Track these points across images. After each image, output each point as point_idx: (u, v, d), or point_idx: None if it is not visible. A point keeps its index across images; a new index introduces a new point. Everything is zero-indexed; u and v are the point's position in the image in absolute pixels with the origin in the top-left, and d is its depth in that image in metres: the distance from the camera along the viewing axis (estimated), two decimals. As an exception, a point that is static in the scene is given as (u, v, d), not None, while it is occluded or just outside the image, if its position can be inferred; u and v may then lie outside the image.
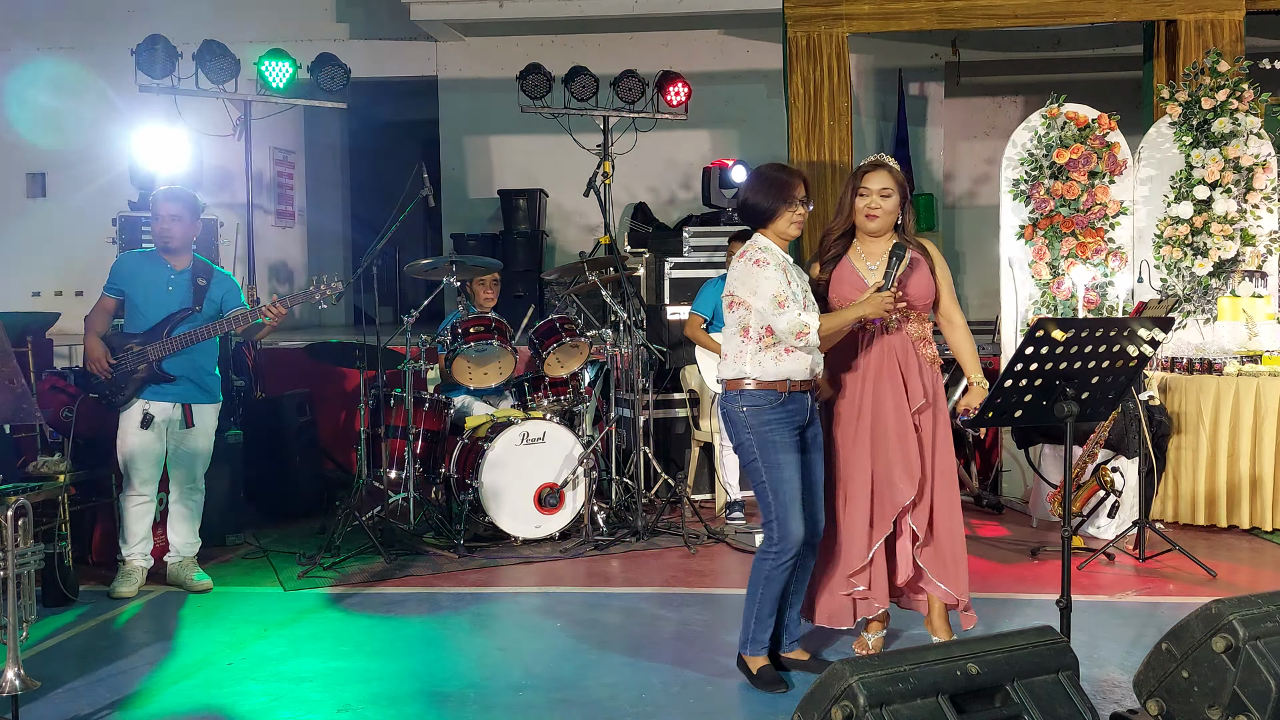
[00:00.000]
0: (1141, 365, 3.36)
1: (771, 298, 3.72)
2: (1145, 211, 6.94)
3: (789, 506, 3.75)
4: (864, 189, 3.98)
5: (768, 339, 3.77)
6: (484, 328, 6.02)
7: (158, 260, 5.24)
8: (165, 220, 5.17)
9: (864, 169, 4.02)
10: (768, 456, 3.76)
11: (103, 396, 5.17)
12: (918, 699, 2.56)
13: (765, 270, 3.76)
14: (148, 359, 5.08)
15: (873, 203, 3.96)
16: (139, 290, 5.19)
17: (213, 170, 8.96)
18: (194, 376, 5.21)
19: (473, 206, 11.84)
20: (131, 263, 5.31)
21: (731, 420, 3.84)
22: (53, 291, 10.69)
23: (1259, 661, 2.77)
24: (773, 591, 3.85)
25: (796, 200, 3.83)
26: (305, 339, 7.62)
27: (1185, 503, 6.16)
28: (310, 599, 5.10)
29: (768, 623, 3.90)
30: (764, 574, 3.84)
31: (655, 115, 8.80)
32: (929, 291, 4.01)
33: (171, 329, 5.13)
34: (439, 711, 3.76)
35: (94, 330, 5.16)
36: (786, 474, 3.75)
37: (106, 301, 5.25)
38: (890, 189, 3.96)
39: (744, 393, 3.78)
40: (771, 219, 3.85)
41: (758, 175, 3.93)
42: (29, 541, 3.54)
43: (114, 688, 3.99)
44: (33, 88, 11.30)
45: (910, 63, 11.58)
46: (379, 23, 11.41)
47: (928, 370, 4.00)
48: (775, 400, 3.75)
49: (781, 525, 3.76)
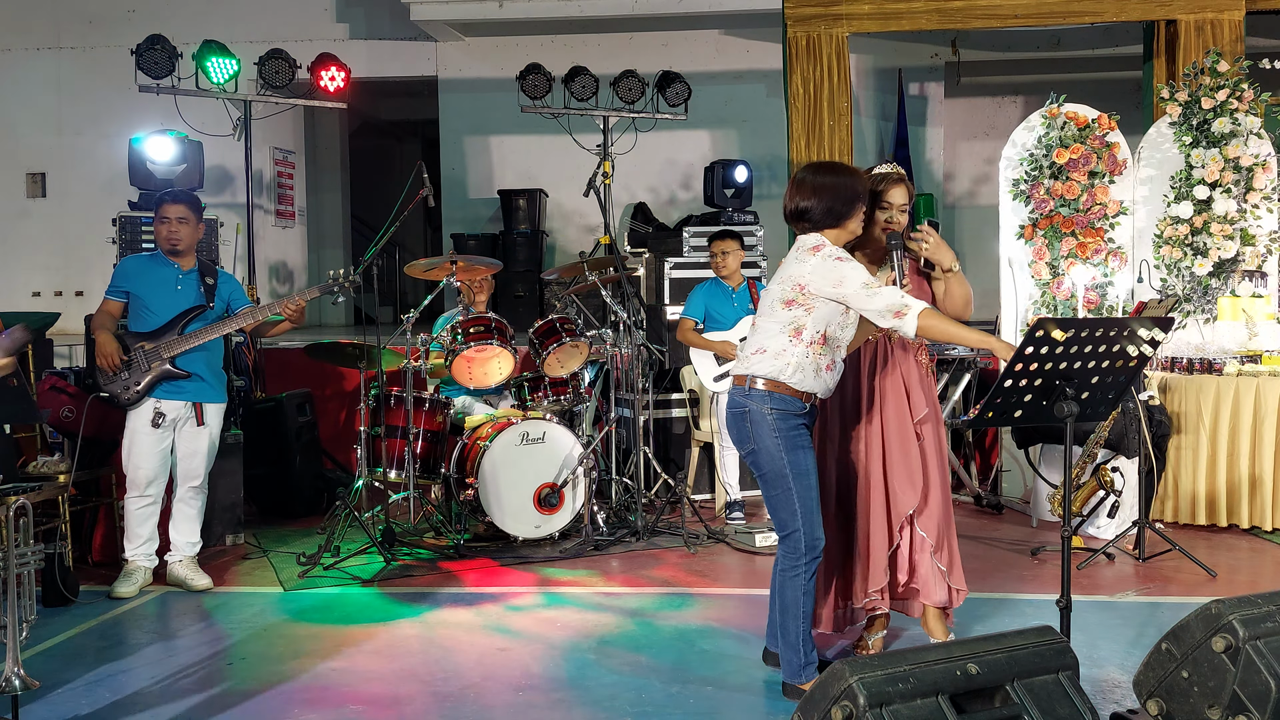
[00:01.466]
0: (1141, 365, 3.36)
1: (863, 284, 3.56)
2: (1145, 211, 6.94)
3: (813, 515, 3.68)
4: (886, 202, 3.95)
5: (818, 346, 3.64)
6: (484, 328, 6.01)
7: (163, 261, 5.25)
8: (173, 223, 5.17)
9: (885, 182, 3.97)
10: (797, 464, 3.65)
11: (113, 396, 5.12)
12: (918, 699, 2.56)
13: (847, 264, 3.62)
14: (162, 355, 5.09)
15: (892, 217, 3.95)
16: (148, 291, 5.18)
17: (213, 170, 8.95)
18: (207, 375, 5.23)
19: (473, 206, 11.85)
20: (137, 265, 5.30)
21: (754, 421, 3.68)
22: (53, 291, 10.70)
23: (1259, 661, 2.77)
24: (808, 608, 3.73)
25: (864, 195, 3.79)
26: (305, 339, 7.61)
27: (1185, 503, 6.16)
28: (310, 599, 5.10)
29: (813, 641, 3.79)
30: (801, 587, 3.70)
31: (655, 115, 8.80)
32: (924, 297, 4.01)
33: (184, 326, 5.15)
34: (439, 711, 3.76)
35: (104, 328, 5.13)
36: (812, 480, 3.68)
37: (111, 305, 5.22)
38: (907, 204, 3.99)
39: (773, 395, 3.64)
40: (848, 217, 3.73)
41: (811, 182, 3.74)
42: (29, 541, 3.54)
43: (114, 688, 3.99)
44: (33, 88, 11.32)
45: (910, 63, 11.58)
46: (379, 23, 11.42)
47: (926, 378, 4.04)
48: (802, 409, 3.67)
49: (809, 534, 3.67)
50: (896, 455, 3.96)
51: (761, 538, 5.85)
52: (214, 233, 7.64)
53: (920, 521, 3.99)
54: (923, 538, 4.00)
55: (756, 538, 5.88)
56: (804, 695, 3.71)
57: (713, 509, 6.74)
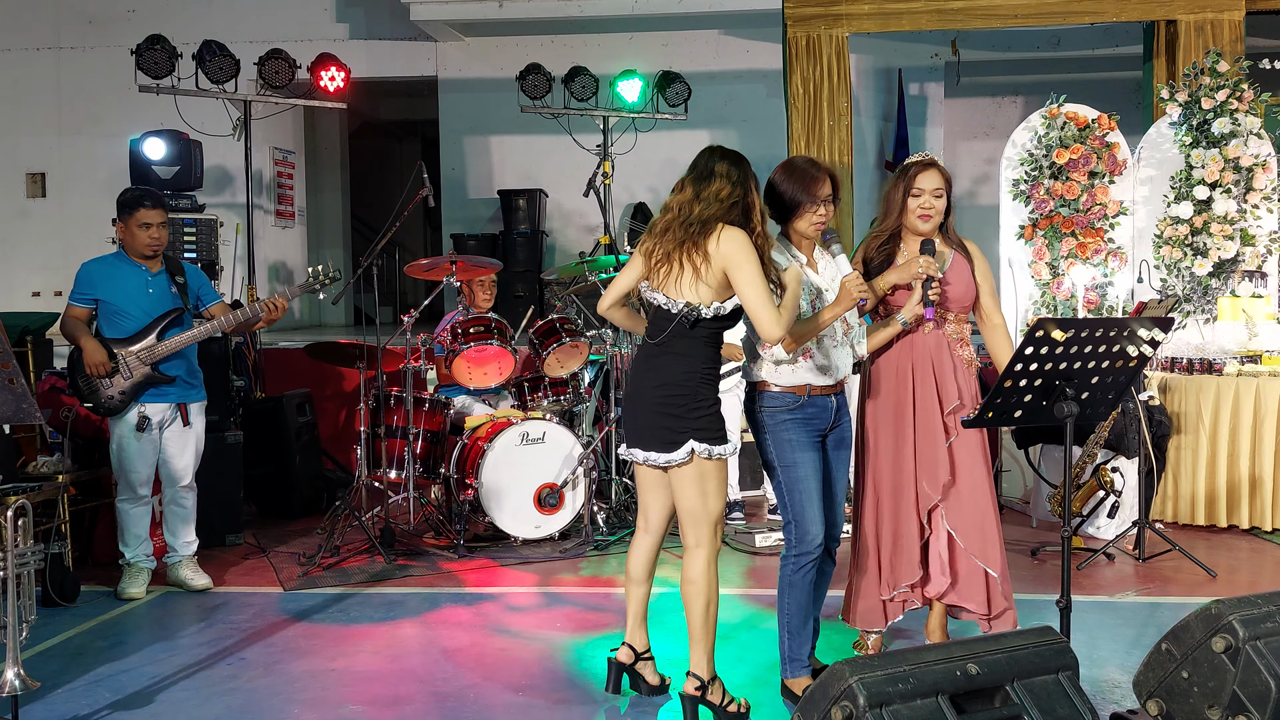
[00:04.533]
0: (1141, 365, 3.36)
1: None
2: (1145, 211, 6.94)
3: (805, 507, 3.65)
4: (917, 189, 3.84)
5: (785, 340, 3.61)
6: (484, 328, 6.02)
7: (130, 263, 5.11)
8: (155, 229, 5.06)
9: (915, 169, 3.87)
10: (783, 455, 3.66)
11: (97, 406, 5.04)
12: (918, 699, 2.56)
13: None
14: (144, 360, 5.04)
15: (926, 203, 3.84)
16: (119, 295, 5.06)
17: (213, 170, 8.96)
18: (188, 376, 5.20)
19: (473, 206, 11.85)
20: (102, 269, 5.12)
21: (751, 420, 3.76)
22: (53, 291, 10.69)
23: (1259, 662, 2.77)
24: (799, 599, 3.71)
25: (819, 199, 3.62)
26: (305, 339, 7.62)
27: (1185, 503, 6.16)
28: (310, 599, 5.10)
29: (803, 636, 3.75)
30: (787, 578, 3.71)
31: (655, 115, 8.80)
32: (968, 292, 3.91)
33: (163, 330, 5.10)
34: (439, 711, 3.76)
35: (87, 335, 5.02)
36: (801, 473, 3.65)
37: (79, 311, 5.07)
38: (942, 188, 3.85)
39: (763, 394, 3.68)
40: (792, 215, 3.66)
41: (786, 165, 3.71)
42: (29, 541, 3.54)
43: (114, 688, 3.99)
44: (33, 88, 11.32)
45: (910, 63, 11.58)
46: (379, 23, 11.42)
47: (963, 371, 3.89)
48: (794, 403, 3.65)
49: (799, 526, 3.66)
50: (921, 447, 3.86)
51: (761, 538, 5.85)
52: (214, 233, 7.65)
53: (950, 518, 3.86)
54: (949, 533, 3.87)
55: (756, 538, 5.88)
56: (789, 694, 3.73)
57: (713, 509, 6.73)
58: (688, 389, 3.51)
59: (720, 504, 3.59)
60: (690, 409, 3.50)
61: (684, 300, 3.47)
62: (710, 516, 3.55)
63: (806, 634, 3.76)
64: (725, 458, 3.56)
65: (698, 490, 3.52)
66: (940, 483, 3.84)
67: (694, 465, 3.50)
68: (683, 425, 3.49)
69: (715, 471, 3.54)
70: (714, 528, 3.57)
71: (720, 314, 3.49)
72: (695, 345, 3.52)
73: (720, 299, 3.47)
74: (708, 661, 3.57)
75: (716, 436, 3.52)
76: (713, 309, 3.47)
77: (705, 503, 3.54)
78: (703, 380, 3.53)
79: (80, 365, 5.01)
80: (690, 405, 3.50)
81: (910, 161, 3.93)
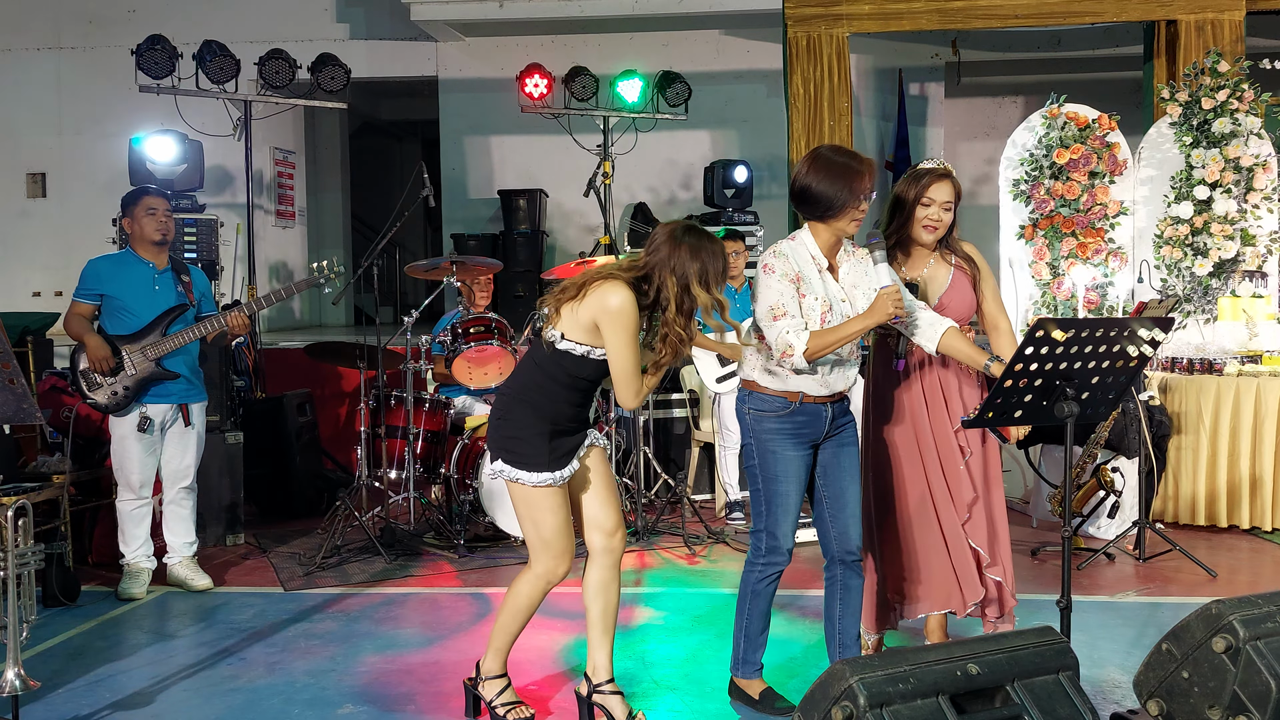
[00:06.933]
0: (1141, 365, 3.35)
1: (768, 309, 3.45)
2: (1145, 211, 6.94)
3: (780, 521, 3.58)
4: (928, 199, 3.70)
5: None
6: (484, 328, 6.01)
7: (136, 260, 5.15)
8: (161, 214, 5.14)
9: (929, 178, 3.72)
10: (767, 466, 3.58)
11: (98, 401, 5.04)
12: (918, 699, 2.55)
13: (769, 278, 3.48)
14: (148, 357, 5.05)
15: (934, 214, 3.71)
16: (125, 292, 5.09)
17: (213, 170, 8.95)
18: (190, 375, 5.22)
19: (473, 206, 11.84)
20: (109, 266, 5.16)
21: (739, 419, 3.70)
22: (53, 291, 10.69)
23: (1259, 662, 2.77)
24: (761, 607, 3.67)
25: (863, 196, 3.44)
26: (305, 339, 7.62)
27: (1185, 503, 6.16)
28: (310, 599, 5.10)
29: (759, 641, 3.72)
30: (750, 585, 3.66)
31: (655, 115, 8.80)
32: (969, 306, 3.82)
33: (167, 327, 5.11)
34: (439, 711, 3.76)
35: (90, 331, 5.05)
36: (783, 488, 3.56)
37: (83, 307, 5.08)
38: (952, 201, 3.71)
39: (752, 394, 3.61)
40: (836, 214, 3.46)
41: (823, 161, 3.47)
42: (29, 541, 3.54)
43: (114, 688, 3.99)
44: (33, 88, 11.32)
45: (910, 63, 11.58)
46: (379, 23, 11.42)
47: (968, 384, 3.81)
48: (783, 408, 3.55)
49: (771, 537, 3.59)
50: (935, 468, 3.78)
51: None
52: (214, 233, 7.65)
53: (972, 535, 3.79)
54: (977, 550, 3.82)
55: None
56: (739, 691, 3.73)
57: (713, 509, 6.74)
58: (505, 400, 3.50)
59: (547, 528, 3.51)
60: (501, 419, 3.47)
61: (560, 327, 3.40)
62: (536, 537, 3.55)
63: (763, 640, 3.74)
64: (527, 485, 3.45)
65: (520, 509, 3.52)
66: (966, 501, 3.77)
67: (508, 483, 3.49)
68: (495, 436, 3.50)
69: (523, 495, 3.47)
70: (543, 549, 3.56)
71: (571, 352, 3.38)
72: (547, 370, 3.42)
73: (580, 340, 3.36)
74: (497, 660, 3.67)
75: (520, 461, 3.42)
76: (566, 344, 3.37)
77: (527, 523, 3.54)
78: (522, 402, 3.45)
79: (81, 361, 5.03)
80: (501, 416, 3.48)
81: (924, 168, 3.78)
